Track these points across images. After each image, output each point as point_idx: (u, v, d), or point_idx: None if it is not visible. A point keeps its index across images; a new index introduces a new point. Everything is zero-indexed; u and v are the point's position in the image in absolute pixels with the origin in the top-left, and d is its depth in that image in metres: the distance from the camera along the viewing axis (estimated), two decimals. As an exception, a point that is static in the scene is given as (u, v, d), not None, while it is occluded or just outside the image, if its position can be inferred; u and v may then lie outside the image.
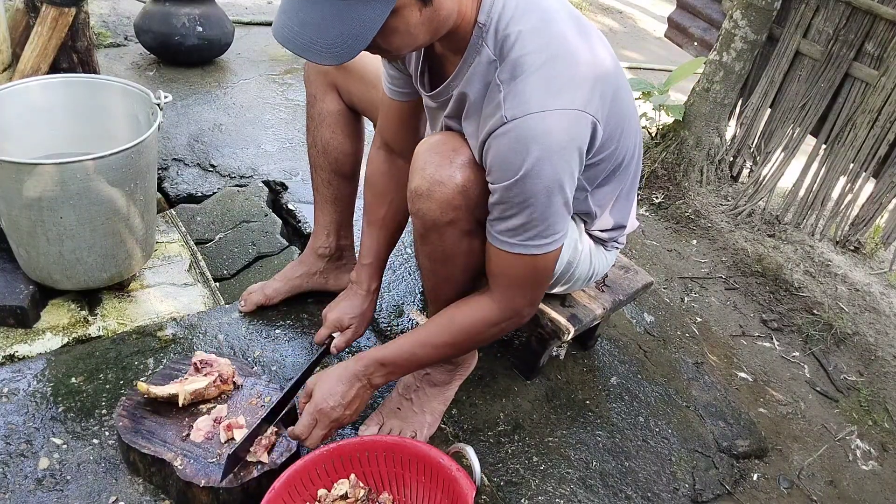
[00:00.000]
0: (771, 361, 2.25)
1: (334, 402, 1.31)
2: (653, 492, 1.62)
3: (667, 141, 3.15)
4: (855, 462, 1.96)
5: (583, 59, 1.13)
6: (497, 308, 1.29)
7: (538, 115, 1.08)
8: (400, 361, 1.35)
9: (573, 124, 1.11)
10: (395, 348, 1.35)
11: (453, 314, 1.33)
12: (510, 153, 1.10)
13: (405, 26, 1.03)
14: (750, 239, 2.83)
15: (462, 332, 1.32)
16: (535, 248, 1.19)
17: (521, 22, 1.10)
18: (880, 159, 2.61)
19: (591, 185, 1.35)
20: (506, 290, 1.28)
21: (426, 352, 1.34)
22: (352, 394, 1.33)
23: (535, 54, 1.09)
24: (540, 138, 1.08)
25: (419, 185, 1.23)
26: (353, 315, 1.60)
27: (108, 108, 1.82)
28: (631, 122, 1.31)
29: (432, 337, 1.34)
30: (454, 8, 1.08)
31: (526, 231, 1.17)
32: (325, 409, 1.31)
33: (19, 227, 1.61)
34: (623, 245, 1.63)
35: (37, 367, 1.54)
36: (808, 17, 2.74)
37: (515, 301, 1.29)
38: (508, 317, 1.30)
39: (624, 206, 1.48)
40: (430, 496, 1.31)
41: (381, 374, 1.35)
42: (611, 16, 6.14)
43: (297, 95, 3.14)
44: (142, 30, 3.06)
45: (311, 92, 1.69)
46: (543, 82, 1.09)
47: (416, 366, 1.39)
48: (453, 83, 1.20)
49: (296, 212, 2.32)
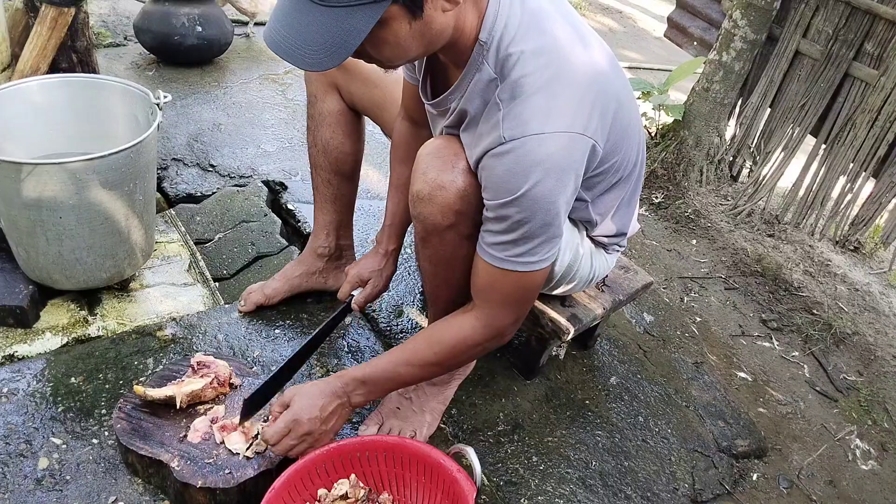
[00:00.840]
0: (770, 361, 2.26)
1: (311, 414, 1.28)
2: (652, 492, 1.62)
3: (666, 141, 3.15)
4: (854, 462, 1.96)
5: (584, 77, 1.12)
6: (480, 327, 1.28)
7: (537, 138, 1.08)
8: (381, 381, 1.34)
9: (572, 147, 1.11)
10: (376, 367, 1.33)
11: (435, 334, 1.32)
12: (508, 174, 1.10)
13: (394, 38, 1.03)
14: (749, 239, 2.84)
15: (444, 352, 1.30)
16: (522, 266, 1.19)
17: (523, 41, 1.10)
18: (880, 159, 2.61)
19: (591, 196, 1.34)
20: (490, 308, 1.27)
21: (408, 371, 1.33)
22: (329, 409, 1.31)
23: (536, 75, 1.09)
24: (538, 161, 1.08)
25: (420, 188, 1.24)
26: (372, 270, 1.62)
27: (107, 107, 1.82)
28: (633, 132, 1.31)
29: (414, 356, 1.32)
30: (450, 23, 1.07)
31: (516, 247, 1.17)
32: (300, 420, 1.28)
33: (18, 226, 1.61)
34: (624, 247, 1.63)
35: (36, 367, 1.54)
36: (807, 16, 2.74)
37: (499, 319, 1.28)
38: (492, 336, 1.29)
39: (625, 213, 1.49)
40: (431, 496, 1.31)
41: (360, 393, 1.34)
42: (611, 16, 6.14)
43: (297, 95, 3.14)
44: (141, 29, 3.06)
45: (311, 91, 1.69)
46: (543, 104, 1.09)
47: (396, 385, 1.38)
48: (451, 96, 1.21)
49: (295, 211, 2.32)
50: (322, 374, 1.67)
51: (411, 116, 1.55)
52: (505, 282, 1.22)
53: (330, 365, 1.70)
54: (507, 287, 1.23)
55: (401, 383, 1.38)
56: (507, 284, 1.23)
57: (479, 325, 1.28)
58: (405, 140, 1.58)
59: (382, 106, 1.64)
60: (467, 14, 1.09)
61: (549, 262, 1.22)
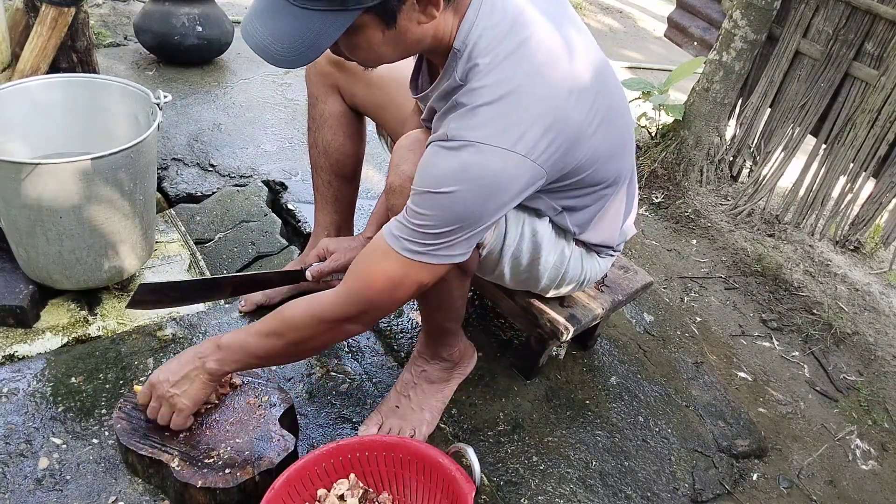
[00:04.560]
0: (771, 361, 2.26)
1: (163, 376, 1.30)
2: (652, 491, 1.62)
3: (666, 141, 3.15)
4: (854, 462, 1.96)
5: (547, 98, 1.07)
6: (338, 304, 1.21)
7: (476, 146, 1.05)
8: (232, 347, 1.29)
9: (509, 166, 1.06)
10: (232, 334, 1.31)
11: (291, 305, 1.27)
12: (437, 168, 1.08)
13: (367, 44, 1.04)
14: (750, 239, 2.83)
15: (291, 325, 1.24)
16: (408, 252, 1.12)
17: (492, 52, 1.07)
18: (880, 159, 2.61)
19: (560, 206, 1.32)
20: (355, 282, 1.20)
21: (256, 342, 1.27)
22: (182, 373, 1.30)
23: (493, 88, 1.06)
24: (470, 170, 1.05)
25: (393, 181, 1.24)
26: (343, 247, 1.63)
27: (107, 107, 1.82)
28: (616, 148, 1.26)
29: (263, 326, 1.27)
30: (427, 32, 1.07)
31: (414, 237, 1.11)
32: (154, 381, 1.31)
33: (19, 226, 1.61)
34: (619, 252, 1.62)
35: (36, 366, 1.54)
36: (807, 16, 2.74)
37: (360, 302, 1.20)
38: (345, 316, 1.22)
39: (609, 226, 1.45)
40: (430, 496, 1.31)
41: (214, 359, 1.29)
42: (611, 15, 6.14)
43: (297, 95, 3.14)
44: (141, 29, 3.06)
45: (312, 93, 1.69)
46: (494, 116, 1.06)
47: (247, 356, 1.29)
48: (430, 94, 1.22)
49: (295, 211, 2.32)
50: (322, 373, 1.67)
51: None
52: (386, 263, 1.15)
53: (330, 365, 1.70)
54: (385, 269, 1.16)
55: (250, 355, 1.29)
56: (387, 267, 1.15)
57: (336, 302, 1.21)
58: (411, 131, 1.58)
59: (384, 107, 1.64)
60: (447, 22, 1.08)
61: (438, 266, 1.15)
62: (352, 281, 1.21)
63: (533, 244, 1.35)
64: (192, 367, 1.31)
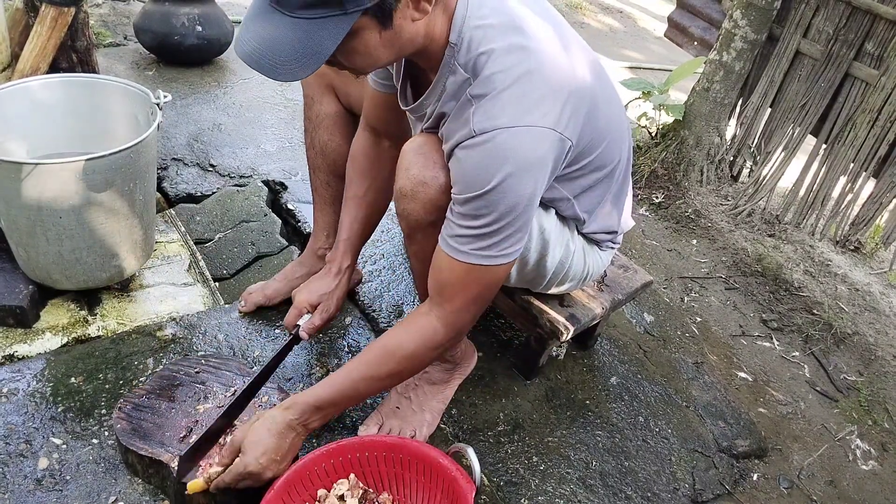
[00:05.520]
0: (771, 361, 2.25)
1: (267, 460, 1.21)
2: (653, 492, 1.62)
3: (667, 140, 3.15)
4: (855, 462, 1.96)
5: (557, 76, 1.11)
6: (442, 328, 1.24)
7: (508, 131, 1.07)
8: (339, 401, 1.28)
9: (542, 142, 1.10)
10: (331, 388, 1.27)
11: (393, 341, 1.27)
12: (478, 167, 1.09)
13: (364, 48, 1.04)
14: (750, 239, 2.83)
15: (406, 360, 1.26)
16: (486, 259, 1.16)
17: (494, 40, 1.09)
18: (880, 159, 2.61)
19: (572, 193, 1.33)
20: (451, 305, 1.22)
21: (368, 385, 1.28)
22: (285, 446, 1.24)
23: (508, 72, 1.08)
24: (509, 154, 1.08)
25: (403, 185, 1.24)
26: (322, 293, 1.56)
27: (107, 107, 1.81)
28: (613, 131, 1.29)
29: (374, 370, 1.26)
30: (419, 31, 1.08)
31: (480, 240, 1.14)
32: (254, 472, 1.21)
33: (18, 226, 1.61)
34: (619, 244, 1.62)
35: (36, 367, 1.54)
36: (808, 16, 2.74)
37: (460, 317, 1.24)
38: (453, 336, 1.26)
39: (614, 210, 1.47)
40: (430, 496, 1.31)
41: (317, 419, 1.27)
42: (611, 15, 6.14)
43: (297, 95, 3.14)
44: (141, 29, 3.06)
45: (307, 94, 1.69)
46: (514, 99, 1.08)
47: (357, 401, 1.32)
48: (427, 101, 1.21)
49: (295, 211, 2.32)
50: (322, 374, 1.67)
51: (372, 126, 1.54)
52: (467, 277, 1.18)
53: (330, 365, 1.70)
54: (469, 282, 1.19)
55: (361, 399, 1.34)
56: (469, 280, 1.19)
57: (440, 326, 1.24)
58: (364, 150, 1.56)
59: None
60: (437, 19, 1.09)
61: (514, 258, 1.19)
62: (448, 305, 1.23)
63: (541, 242, 1.36)
64: (293, 437, 1.25)
